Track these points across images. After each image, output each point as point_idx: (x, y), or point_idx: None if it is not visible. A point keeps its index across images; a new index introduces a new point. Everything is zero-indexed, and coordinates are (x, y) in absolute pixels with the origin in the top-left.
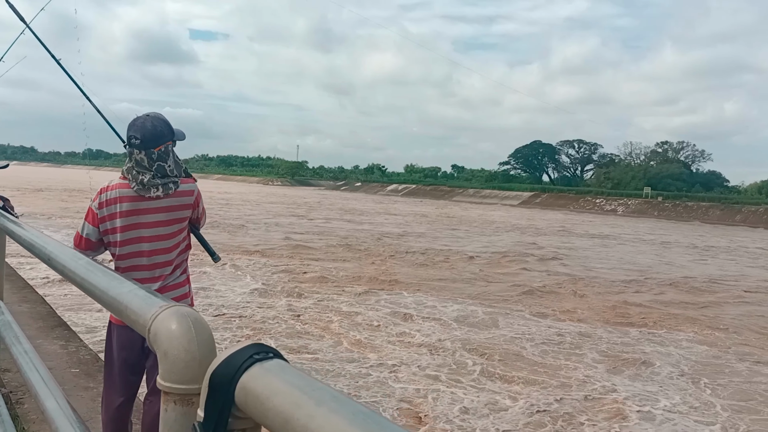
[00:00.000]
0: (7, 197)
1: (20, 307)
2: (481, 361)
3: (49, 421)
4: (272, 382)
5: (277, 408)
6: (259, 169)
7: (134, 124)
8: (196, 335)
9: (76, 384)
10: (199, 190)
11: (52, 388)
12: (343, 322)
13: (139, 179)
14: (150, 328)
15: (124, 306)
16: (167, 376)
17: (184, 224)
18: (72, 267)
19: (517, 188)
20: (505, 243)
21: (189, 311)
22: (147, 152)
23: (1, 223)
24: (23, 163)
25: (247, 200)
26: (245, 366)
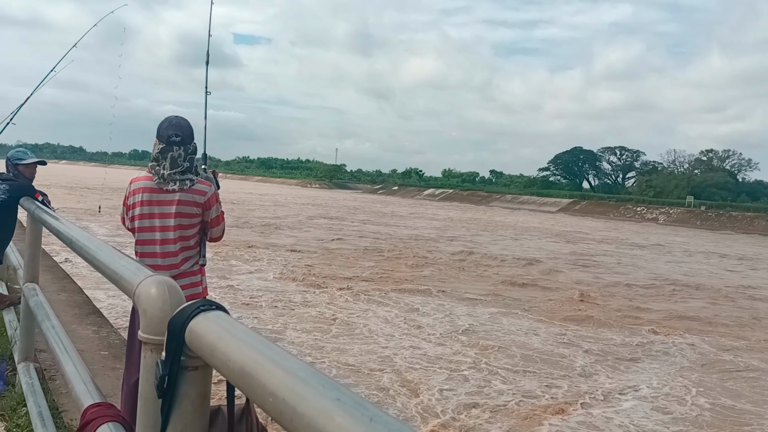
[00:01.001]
0: (45, 192)
1: (59, 295)
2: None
3: (71, 390)
4: (211, 327)
5: (214, 345)
6: (298, 172)
7: (171, 124)
8: (170, 297)
9: (104, 365)
10: (215, 194)
11: (75, 360)
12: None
13: (160, 173)
14: (135, 291)
15: (119, 275)
16: (146, 329)
17: (194, 221)
18: (86, 246)
19: (556, 195)
20: (533, 249)
21: (167, 280)
22: (185, 147)
23: (38, 214)
24: (72, 162)
25: (285, 202)
26: (192, 315)
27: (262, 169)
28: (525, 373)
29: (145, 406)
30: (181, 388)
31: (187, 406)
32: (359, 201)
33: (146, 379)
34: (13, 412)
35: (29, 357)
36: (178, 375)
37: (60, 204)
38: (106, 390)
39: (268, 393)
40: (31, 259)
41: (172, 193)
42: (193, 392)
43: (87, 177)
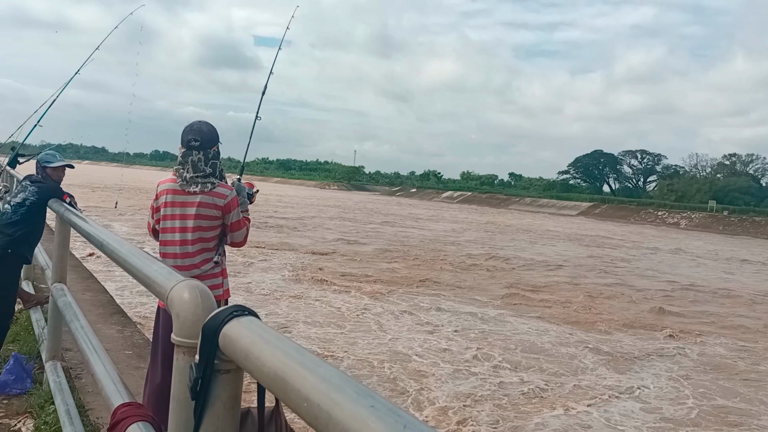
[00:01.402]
0: (72, 194)
1: (84, 294)
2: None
3: (101, 389)
4: (245, 332)
5: (248, 350)
6: (317, 173)
7: (192, 129)
8: (201, 302)
9: (128, 364)
10: (235, 198)
11: (104, 360)
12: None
13: (184, 176)
14: (168, 296)
15: (152, 280)
16: (178, 332)
17: (214, 223)
18: (118, 251)
19: (575, 198)
20: (550, 253)
21: (199, 285)
22: (204, 152)
23: (67, 216)
24: (94, 162)
25: (303, 203)
26: (226, 320)
27: (281, 171)
28: (528, 369)
29: (177, 407)
30: (213, 390)
31: (219, 407)
32: (377, 203)
33: (179, 381)
34: (41, 410)
35: (56, 356)
36: (212, 378)
37: (83, 203)
38: (133, 390)
39: (302, 398)
40: (59, 260)
41: (193, 195)
42: (225, 394)
43: (108, 176)
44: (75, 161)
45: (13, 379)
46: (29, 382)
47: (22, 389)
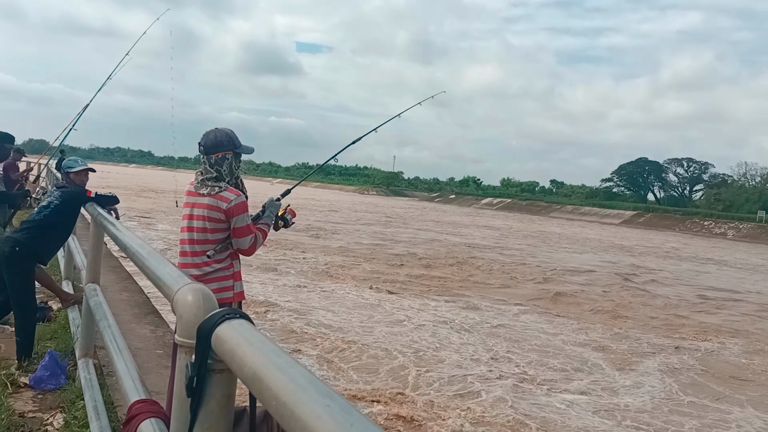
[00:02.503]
0: (113, 196)
1: (120, 295)
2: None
3: (120, 386)
4: (233, 334)
5: (234, 351)
6: (356, 179)
7: (204, 135)
8: (203, 304)
9: (159, 363)
10: (240, 204)
11: (126, 358)
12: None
13: (198, 178)
14: (173, 297)
15: (162, 281)
16: (181, 333)
17: (220, 226)
18: (138, 253)
19: (619, 206)
20: (595, 262)
21: (202, 288)
22: (207, 157)
23: (100, 220)
24: (141, 166)
25: (340, 208)
26: (218, 322)
27: (321, 176)
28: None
29: (178, 404)
30: (207, 388)
31: (213, 405)
32: (415, 209)
33: (179, 379)
34: (72, 405)
35: (89, 353)
36: (205, 377)
37: (136, 205)
38: (159, 387)
39: (272, 396)
40: (93, 261)
41: (202, 197)
42: (218, 393)
43: (155, 180)
44: (122, 165)
45: (48, 375)
46: (63, 378)
47: (56, 385)
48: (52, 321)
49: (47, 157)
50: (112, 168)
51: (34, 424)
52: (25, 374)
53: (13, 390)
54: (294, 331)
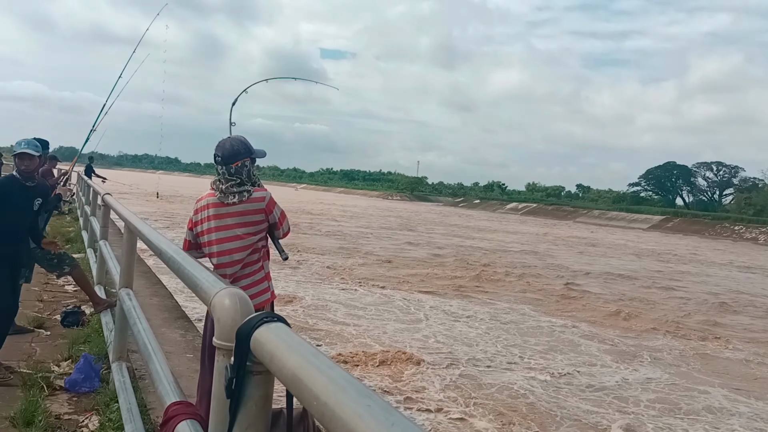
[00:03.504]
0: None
1: (151, 299)
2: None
3: (156, 388)
4: (272, 337)
5: (273, 353)
6: (380, 184)
7: (218, 145)
8: (240, 308)
9: (189, 367)
10: (271, 197)
11: (160, 361)
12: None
13: (220, 188)
14: (211, 301)
15: (199, 286)
16: (219, 336)
17: (259, 227)
18: (173, 258)
19: (647, 211)
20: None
21: (239, 292)
22: (226, 167)
23: (134, 225)
24: (168, 172)
25: (364, 213)
26: (257, 325)
27: (345, 181)
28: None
29: (216, 405)
30: (246, 390)
31: (252, 406)
32: (439, 214)
33: (218, 381)
34: (106, 407)
35: (122, 357)
36: (244, 378)
37: (156, 209)
38: (189, 390)
39: (313, 396)
40: (126, 266)
41: (232, 205)
42: (257, 394)
43: (175, 185)
44: (149, 171)
45: (83, 378)
46: (97, 381)
47: (91, 388)
48: (86, 325)
49: (77, 163)
50: (140, 174)
51: (69, 426)
52: (60, 377)
53: (49, 392)
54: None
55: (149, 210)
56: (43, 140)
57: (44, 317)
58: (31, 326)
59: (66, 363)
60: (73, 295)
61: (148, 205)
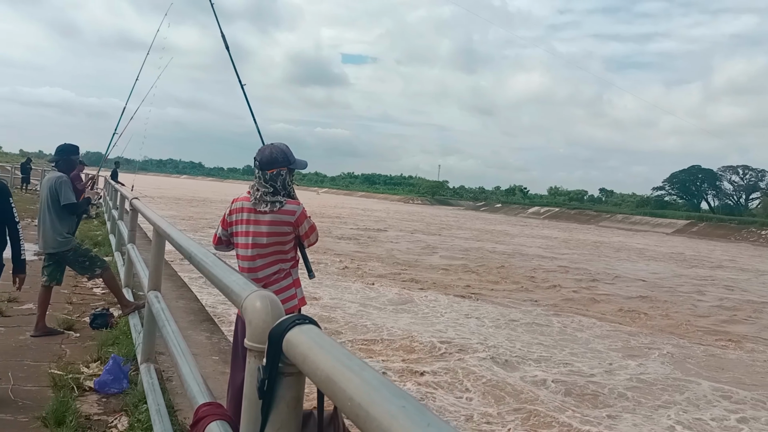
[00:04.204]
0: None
1: (177, 302)
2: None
3: (186, 389)
4: (304, 339)
5: (306, 355)
6: (401, 188)
7: (259, 150)
8: (271, 310)
9: (215, 369)
10: (303, 212)
11: (190, 363)
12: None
13: (255, 195)
14: (243, 304)
15: (230, 289)
16: (250, 337)
17: (286, 238)
18: (203, 261)
19: (671, 215)
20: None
21: (269, 295)
22: (262, 173)
23: (162, 228)
24: (191, 177)
25: (385, 217)
26: (289, 327)
27: (366, 185)
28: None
29: (248, 406)
30: (278, 391)
31: (283, 407)
32: (460, 218)
33: (250, 382)
34: (135, 408)
35: (150, 358)
36: (276, 380)
37: (177, 211)
38: (216, 392)
39: (347, 397)
40: (155, 269)
41: (264, 213)
42: (288, 395)
43: (205, 190)
44: (174, 176)
45: (112, 379)
46: (126, 383)
47: (119, 389)
48: (114, 327)
49: (103, 167)
50: (164, 179)
51: (99, 426)
52: (90, 378)
53: (79, 393)
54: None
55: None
56: (73, 146)
57: (73, 319)
58: (61, 328)
59: (95, 364)
60: (101, 298)
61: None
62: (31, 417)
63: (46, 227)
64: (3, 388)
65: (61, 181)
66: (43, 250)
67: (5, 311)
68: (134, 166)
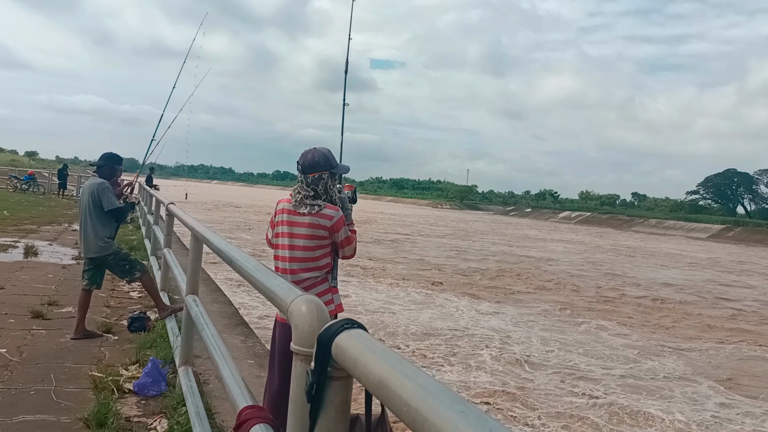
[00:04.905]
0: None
1: (211, 306)
2: None
3: (228, 393)
4: (354, 343)
5: (357, 359)
6: (429, 192)
7: (302, 153)
8: (317, 315)
9: (250, 372)
10: (340, 218)
11: (231, 366)
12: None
13: (296, 197)
14: (288, 308)
15: (274, 294)
16: (297, 341)
17: (323, 242)
18: (245, 266)
19: (706, 220)
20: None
21: (314, 299)
22: (304, 176)
23: (200, 232)
24: (222, 182)
25: (413, 222)
26: (338, 331)
27: (394, 190)
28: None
29: (295, 410)
30: (327, 395)
31: (332, 411)
32: (489, 222)
33: (296, 386)
34: (174, 411)
35: (188, 361)
36: (325, 383)
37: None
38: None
39: (403, 402)
40: (192, 273)
41: (302, 215)
42: (336, 399)
43: (237, 195)
44: (205, 181)
45: (151, 382)
46: (164, 385)
47: (158, 391)
48: (151, 330)
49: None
50: (195, 184)
51: (139, 428)
52: (129, 380)
53: (119, 395)
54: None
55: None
56: (118, 155)
57: (112, 322)
58: (99, 331)
59: (134, 367)
60: (138, 301)
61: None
62: (73, 418)
63: (88, 232)
64: (46, 389)
65: (104, 187)
66: (85, 254)
67: (46, 314)
68: (166, 172)
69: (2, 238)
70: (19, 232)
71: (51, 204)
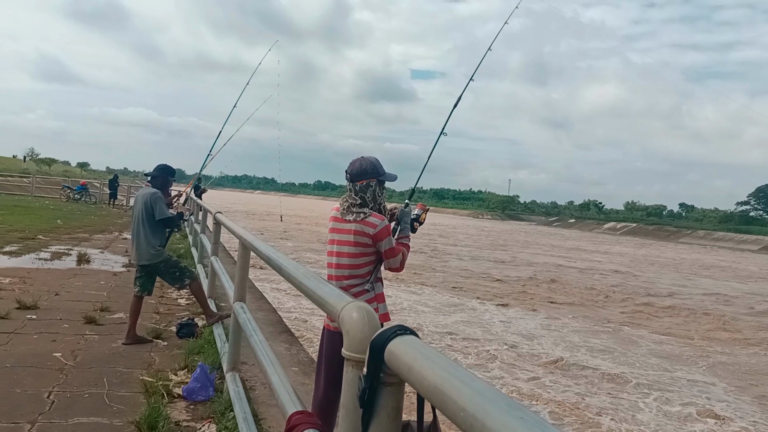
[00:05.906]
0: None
1: (256, 314)
2: None
3: (277, 398)
4: (407, 349)
5: (411, 365)
6: (470, 202)
7: (351, 163)
8: (368, 321)
9: (295, 380)
10: (385, 227)
11: (279, 372)
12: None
13: (344, 205)
14: (339, 315)
15: (325, 301)
16: (348, 347)
17: (367, 250)
18: (294, 274)
19: (757, 231)
20: None
21: (365, 305)
22: (352, 185)
23: (248, 241)
24: (265, 192)
25: (454, 233)
26: (391, 338)
27: (435, 200)
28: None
29: (347, 415)
30: (379, 400)
31: (384, 417)
32: (532, 233)
33: (348, 391)
34: (221, 416)
35: (236, 367)
36: (378, 389)
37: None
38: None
39: (459, 408)
40: (240, 281)
41: (348, 223)
42: (389, 405)
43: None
44: (248, 191)
45: (199, 387)
46: (212, 391)
47: (206, 396)
48: (199, 336)
49: (190, 184)
50: (239, 194)
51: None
52: (178, 385)
53: (169, 400)
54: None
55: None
56: (172, 168)
57: (161, 328)
58: (149, 337)
59: (182, 372)
60: (186, 308)
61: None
62: (125, 422)
63: (140, 240)
64: (98, 393)
65: (156, 197)
66: (137, 262)
67: (99, 320)
68: (212, 183)
69: (56, 246)
70: (72, 241)
71: (102, 213)
